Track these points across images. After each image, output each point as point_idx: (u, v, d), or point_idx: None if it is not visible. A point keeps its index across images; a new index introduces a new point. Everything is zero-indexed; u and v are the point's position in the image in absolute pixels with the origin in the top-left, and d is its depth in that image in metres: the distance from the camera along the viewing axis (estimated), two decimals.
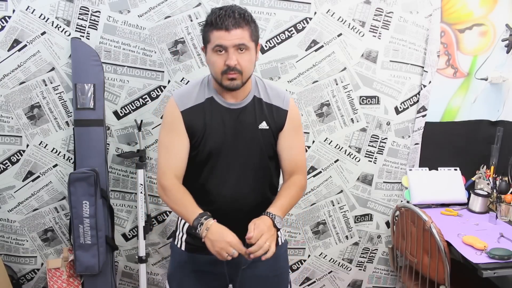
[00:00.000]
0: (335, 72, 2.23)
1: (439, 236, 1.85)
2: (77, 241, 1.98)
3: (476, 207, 2.32)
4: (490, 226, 2.14)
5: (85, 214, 1.96)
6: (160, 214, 2.29)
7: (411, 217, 2.04)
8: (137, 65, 2.10)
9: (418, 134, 2.36)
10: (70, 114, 2.11)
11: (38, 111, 2.09)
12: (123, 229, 2.28)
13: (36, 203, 2.19)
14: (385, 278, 2.58)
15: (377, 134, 2.33)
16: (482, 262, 1.79)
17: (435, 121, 2.40)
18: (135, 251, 2.29)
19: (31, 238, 2.24)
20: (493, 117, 2.47)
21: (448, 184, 2.41)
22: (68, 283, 2.04)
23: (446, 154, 2.45)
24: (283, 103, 1.49)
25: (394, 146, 2.35)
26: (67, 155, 2.16)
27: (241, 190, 1.47)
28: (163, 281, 2.38)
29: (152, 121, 2.16)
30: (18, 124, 2.09)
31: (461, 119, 2.45)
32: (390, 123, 2.33)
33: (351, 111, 2.28)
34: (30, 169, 2.15)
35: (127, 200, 2.24)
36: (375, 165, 2.36)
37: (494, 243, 1.93)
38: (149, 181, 2.22)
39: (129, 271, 2.36)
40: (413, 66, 2.28)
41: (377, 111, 2.31)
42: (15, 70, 2.04)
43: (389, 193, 2.42)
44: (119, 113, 2.15)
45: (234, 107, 1.44)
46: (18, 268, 2.28)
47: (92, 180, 1.95)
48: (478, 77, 2.39)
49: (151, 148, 2.18)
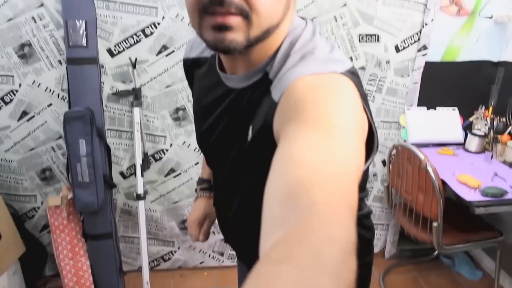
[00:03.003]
0: (335, 8, 2.15)
1: (434, 175, 1.87)
2: (75, 179, 1.99)
3: (472, 147, 2.33)
4: (485, 165, 2.16)
5: (82, 153, 1.95)
6: (157, 152, 2.29)
7: (407, 155, 2.05)
8: (130, 1, 2.02)
9: (418, 73, 2.32)
10: (62, 52, 2.06)
11: (29, 49, 2.03)
12: (121, 167, 2.30)
13: (33, 142, 2.19)
14: (380, 215, 2.63)
15: (376, 73, 2.29)
16: (475, 200, 1.82)
17: (436, 60, 2.35)
18: (133, 189, 2.32)
19: (29, 177, 2.26)
20: (495, 58, 2.42)
21: (446, 124, 2.40)
22: (69, 220, 2.08)
23: (445, 94, 2.43)
24: (278, 90, 0.73)
25: (393, 85, 2.32)
26: (61, 94, 2.13)
27: (226, 202, 1.02)
28: (162, 218, 2.43)
29: (147, 58, 2.11)
30: (9, 63, 2.04)
31: (462, 59, 2.40)
32: (389, 62, 2.28)
33: (350, 49, 2.23)
34: (25, 109, 2.12)
35: (124, 139, 2.24)
36: (373, 103, 2.34)
37: (488, 181, 1.96)
38: (145, 119, 2.21)
39: (127, 208, 2.40)
40: (415, 3, 2.20)
41: (377, 49, 2.25)
42: (2, 6, 1.96)
43: (386, 132, 2.41)
44: (113, 51, 2.09)
45: (230, 83, 0.84)
46: (19, 207, 2.32)
47: (88, 118, 1.93)
48: (482, 16, 2.32)
49: (147, 86, 2.15)
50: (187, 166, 2.33)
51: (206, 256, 2.57)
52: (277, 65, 0.76)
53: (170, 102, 2.19)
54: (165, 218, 2.43)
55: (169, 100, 2.18)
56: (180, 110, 2.22)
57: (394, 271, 2.64)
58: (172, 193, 2.38)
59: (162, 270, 2.60)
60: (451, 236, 2.06)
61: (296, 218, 0.44)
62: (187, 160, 2.32)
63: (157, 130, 2.24)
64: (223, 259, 2.59)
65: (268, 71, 0.77)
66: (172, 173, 2.34)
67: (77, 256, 2.10)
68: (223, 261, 2.60)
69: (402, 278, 2.58)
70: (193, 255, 2.57)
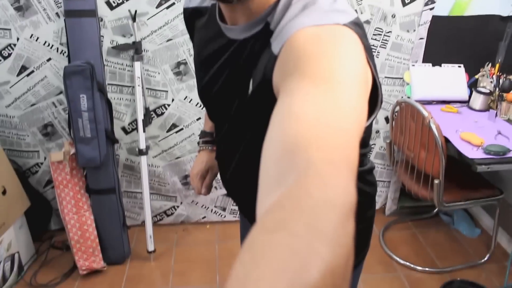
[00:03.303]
0: None
1: (437, 132, 1.85)
2: (77, 134, 1.98)
3: (476, 105, 2.31)
4: (489, 123, 2.14)
5: (83, 108, 1.94)
6: (159, 107, 2.28)
7: (411, 112, 2.03)
8: None
9: (424, 28, 2.26)
10: (60, 4, 2.00)
11: (25, 1, 1.98)
12: (122, 122, 2.29)
13: (33, 98, 2.17)
14: (381, 171, 2.65)
15: (381, 27, 2.23)
16: (478, 158, 1.81)
17: (443, 15, 2.28)
18: (135, 144, 2.32)
19: (31, 133, 2.25)
20: (505, 12, 2.35)
21: (451, 81, 2.36)
22: (72, 175, 2.09)
23: (451, 51, 2.37)
24: (278, 42, 0.70)
25: (398, 40, 2.26)
26: (61, 48, 2.09)
27: (227, 156, 1.02)
28: (164, 173, 2.45)
29: (147, 11, 2.06)
30: (5, 16, 1.99)
31: (471, 13, 2.33)
32: (395, 16, 2.22)
33: (355, 2, 2.16)
34: (24, 63, 2.09)
35: (125, 94, 2.22)
36: (377, 59, 2.29)
37: (491, 139, 1.95)
38: (146, 74, 2.18)
39: (130, 164, 2.41)
40: None
41: (383, 2, 2.18)
42: None
43: (390, 88, 2.38)
44: (112, 3, 2.03)
45: (231, 34, 0.82)
46: (22, 162, 2.33)
47: (88, 73, 1.91)
48: None
49: (147, 40, 2.11)
50: (189, 121, 2.32)
51: (209, 211, 2.61)
52: (278, 15, 0.73)
53: (171, 56, 2.15)
54: (168, 173, 2.45)
55: (170, 54, 2.14)
56: (182, 64, 2.18)
57: (393, 228, 2.68)
58: (174, 148, 2.38)
59: (165, 225, 2.65)
60: (451, 194, 2.07)
61: (292, 178, 0.43)
62: (189, 115, 2.31)
63: (158, 84, 2.21)
64: (225, 214, 2.63)
65: (269, 21, 0.74)
66: (174, 128, 2.33)
67: (81, 210, 2.13)
68: (225, 216, 2.64)
69: (402, 235, 2.62)
70: (196, 210, 2.61)
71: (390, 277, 2.26)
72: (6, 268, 2.08)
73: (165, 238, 2.54)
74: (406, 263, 2.33)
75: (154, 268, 2.31)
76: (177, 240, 2.55)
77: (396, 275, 2.27)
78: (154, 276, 2.26)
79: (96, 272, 2.24)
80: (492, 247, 2.35)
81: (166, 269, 2.30)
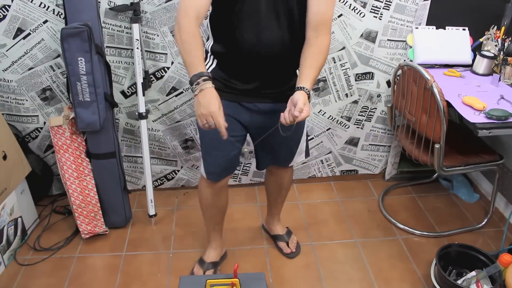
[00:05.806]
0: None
1: (439, 96, 1.84)
2: (76, 98, 1.96)
3: (480, 69, 2.27)
4: (492, 88, 2.12)
5: (81, 71, 1.91)
6: (158, 71, 2.24)
7: (413, 76, 2.00)
8: None
9: None
10: None
11: None
12: (122, 86, 2.26)
13: (31, 61, 2.14)
14: (382, 136, 2.64)
15: None
16: (479, 122, 1.81)
17: None
18: (135, 108, 2.31)
19: (30, 97, 2.23)
20: None
21: (454, 44, 2.32)
22: (72, 139, 2.09)
23: (456, 13, 2.32)
24: None
25: (401, 2, 2.20)
26: (57, 10, 2.04)
27: (266, 36, 1.43)
28: (164, 137, 2.44)
29: None
30: None
31: None
32: None
33: None
34: (19, 26, 2.04)
35: (124, 57, 2.18)
36: (380, 21, 2.23)
37: (494, 104, 1.93)
38: (145, 36, 2.13)
39: (130, 128, 2.40)
40: None
41: None
42: None
43: (392, 51, 2.34)
44: None
45: None
46: (22, 127, 2.32)
47: (86, 35, 1.87)
48: None
49: (146, 1, 2.05)
50: (189, 84, 2.29)
51: None
52: None
53: (170, 17, 2.10)
54: (168, 138, 2.44)
55: (169, 15, 2.09)
56: None
57: (393, 192, 2.70)
58: (174, 112, 2.37)
59: (165, 189, 2.67)
60: (452, 159, 2.07)
61: None
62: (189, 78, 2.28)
63: (157, 47, 2.17)
64: None
65: None
66: (173, 91, 2.31)
67: (82, 175, 2.14)
68: None
69: (401, 199, 2.64)
70: (196, 174, 2.62)
71: (389, 241, 2.29)
72: (10, 232, 2.11)
73: (166, 202, 2.56)
74: (405, 227, 2.36)
75: (155, 232, 2.34)
76: (177, 204, 2.57)
77: (395, 239, 2.30)
78: (155, 240, 2.29)
79: (99, 235, 2.27)
80: (490, 212, 2.37)
81: (167, 233, 2.33)
